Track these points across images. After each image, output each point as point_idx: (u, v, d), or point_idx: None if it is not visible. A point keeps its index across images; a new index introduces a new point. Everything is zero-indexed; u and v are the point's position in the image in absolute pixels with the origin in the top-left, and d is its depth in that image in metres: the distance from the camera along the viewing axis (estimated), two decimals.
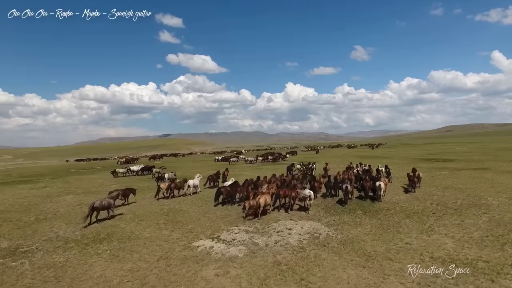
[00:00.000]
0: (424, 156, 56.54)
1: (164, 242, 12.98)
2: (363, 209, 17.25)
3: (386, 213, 16.27)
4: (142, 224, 16.21)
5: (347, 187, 19.02)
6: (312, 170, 33.53)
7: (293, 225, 14.58)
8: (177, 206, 20.34)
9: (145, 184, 31.51)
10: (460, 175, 29.28)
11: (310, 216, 16.33)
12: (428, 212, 16.03)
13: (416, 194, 20.81)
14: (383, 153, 73.26)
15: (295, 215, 16.59)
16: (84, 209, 20.56)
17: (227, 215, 17.23)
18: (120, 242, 13.27)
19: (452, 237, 12.14)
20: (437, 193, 21.08)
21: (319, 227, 14.25)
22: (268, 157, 62.58)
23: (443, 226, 13.64)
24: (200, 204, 20.66)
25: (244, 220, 15.94)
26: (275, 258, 10.79)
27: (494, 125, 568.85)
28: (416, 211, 16.40)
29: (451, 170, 32.98)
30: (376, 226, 14.04)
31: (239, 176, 30.09)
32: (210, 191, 25.64)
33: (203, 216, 17.37)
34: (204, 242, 12.75)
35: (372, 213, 16.30)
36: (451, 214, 15.49)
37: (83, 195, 26.47)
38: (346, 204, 18.57)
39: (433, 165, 39.82)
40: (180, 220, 16.57)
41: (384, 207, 17.47)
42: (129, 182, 34.60)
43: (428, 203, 18.05)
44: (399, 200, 19.31)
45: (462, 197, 19.47)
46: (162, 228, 15.29)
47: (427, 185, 24.40)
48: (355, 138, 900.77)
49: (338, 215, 16.24)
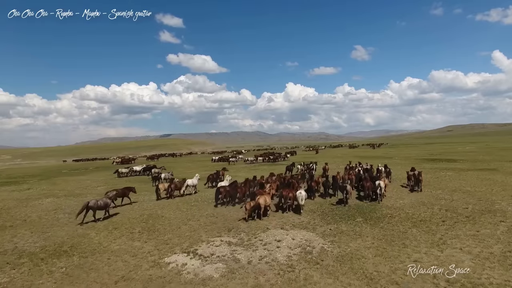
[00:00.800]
0: (427, 156, 54.75)
1: (132, 257, 11.14)
2: (363, 216, 15.40)
3: (390, 220, 14.41)
4: (115, 233, 14.38)
5: (346, 187, 18.27)
6: (312, 170, 32.97)
7: (283, 236, 12.72)
8: (160, 211, 18.52)
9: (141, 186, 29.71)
10: (466, 176, 27.45)
11: (304, 224, 14.47)
12: (437, 220, 14.16)
13: (422, 198, 18.98)
14: (384, 153, 71.43)
15: (287, 223, 14.75)
16: (59, 214, 18.93)
17: (212, 223, 15.39)
18: (82, 256, 11.43)
19: (468, 253, 10.27)
20: (445, 196, 19.25)
21: (313, 238, 12.38)
22: (268, 157, 61.39)
23: (456, 237, 11.78)
24: (185, 209, 18.85)
25: (235, 227, 14.11)
26: (256, 280, 8.92)
27: (494, 125, 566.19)
28: (424, 218, 14.53)
29: (457, 171, 31.15)
30: (378, 237, 12.18)
31: (233, 177, 28.34)
32: (206, 193, 24.20)
33: (185, 223, 15.53)
34: (177, 257, 10.90)
35: (374, 221, 14.44)
36: (463, 223, 13.62)
37: (64, 199, 24.68)
38: (347, 204, 17.87)
39: (437, 165, 38.00)
40: (158, 229, 14.73)
41: (387, 214, 15.62)
42: (121, 183, 32.82)
43: (436, 209, 16.20)
44: (403, 205, 17.46)
45: (473, 201, 17.63)
46: (135, 238, 13.45)
47: (432, 187, 22.59)
48: (355, 138, 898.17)
49: (335, 223, 14.37)
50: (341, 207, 17.46)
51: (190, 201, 21.19)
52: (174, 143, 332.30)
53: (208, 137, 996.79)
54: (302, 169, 33.77)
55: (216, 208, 18.54)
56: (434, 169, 34.05)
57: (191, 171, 42.52)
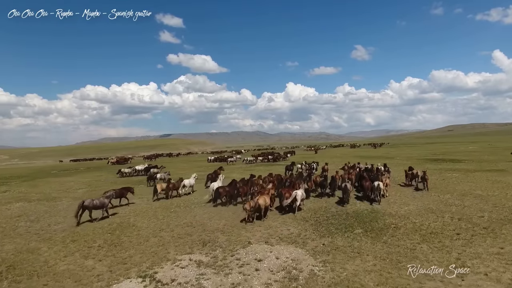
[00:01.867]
0: (429, 156, 52.59)
1: (75, 283, 8.96)
2: (363, 226, 13.21)
3: (394, 233, 12.20)
4: (70, 247, 12.20)
5: (346, 186, 17.58)
6: (313, 169, 32.31)
7: (266, 253, 10.52)
8: (133, 219, 16.35)
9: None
10: (475, 178, 25.27)
11: (294, 236, 12.27)
12: (450, 232, 11.97)
13: (429, 204, 16.79)
14: (385, 152, 69.25)
15: (274, 235, 12.56)
16: (20, 222, 16.82)
17: (187, 234, 13.21)
18: (14, 281, 9.26)
19: (497, 280, 8.07)
20: (455, 202, 17.06)
21: (302, 257, 10.18)
22: (267, 156, 59.68)
23: (476, 257, 9.58)
24: (163, 216, 16.68)
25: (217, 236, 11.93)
26: None
27: (495, 124, 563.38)
28: (434, 230, 12.33)
29: (463, 172, 28.95)
30: (381, 256, 9.98)
31: (227, 177, 26.34)
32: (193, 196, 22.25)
33: (156, 235, 13.36)
34: (129, 284, 8.71)
35: (375, 233, 12.24)
36: (482, 236, 11.43)
37: (35, 203, 22.49)
38: (347, 203, 17.22)
39: (441, 166, 35.82)
40: (122, 242, 12.55)
41: (391, 224, 13.42)
42: (105, 185, 30.73)
43: (447, 218, 14.00)
44: (409, 212, 15.25)
45: (488, 208, 15.44)
46: (90, 255, 11.26)
47: (440, 190, 20.40)
48: (356, 138, 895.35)
49: (330, 236, 12.16)
50: (338, 215, 15.27)
51: (171, 206, 19.04)
52: (174, 143, 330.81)
53: (208, 137, 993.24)
54: (303, 168, 32.64)
55: (196, 216, 16.36)
56: (438, 170, 31.87)
57: (184, 171, 40.54)
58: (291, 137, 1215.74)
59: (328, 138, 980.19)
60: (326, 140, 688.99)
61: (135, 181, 33.04)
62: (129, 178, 37.43)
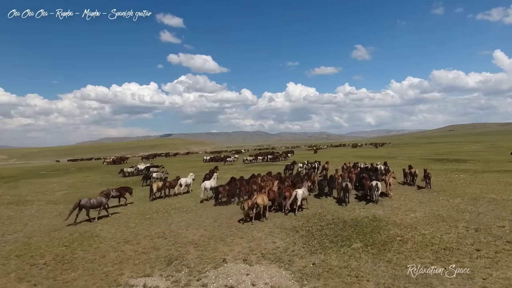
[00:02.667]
0: (433, 156, 50.50)
1: None
2: (363, 238, 11.11)
3: (401, 248, 10.09)
4: (10, 264, 10.12)
5: (347, 185, 16.84)
6: (315, 169, 32.01)
7: (241, 277, 8.43)
8: (100, 227, 14.29)
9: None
10: (484, 179, 23.19)
11: (279, 252, 10.17)
12: (468, 248, 9.86)
13: (439, 210, 14.70)
14: (386, 152, 67.13)
15: (256, 250, 10.48)
16: None
17: (153, 248, 11.13)
18: None
19: None
20: (467, 207, 14.97)
21: (285, 282, 8.08)
22: (267, 156, 58.35)
23: (509, 285, 7.49)
24: (134, 224, 14.63)
25: None
26: None
27: (496, 124, 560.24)
28: (449, 244, 10.21)
29: (471, 173, 26.83)
30: (385, 282, 7.88)
31: (219, 178, 24.45)
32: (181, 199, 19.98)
33: (118, 248, 11.29)
34: None
35: (377, 248, 10.12)
36: (509, 253, 9.32)
37: (3, 207, 20.58)
38: (348, 204, 16.52)
39: (446, 166, 33.71)
40: (74, 258, 10.46)
41: (396, 235, 11.31)
42: (88, 188, 28.77)
43: (462, 228, 11.90)
44: (416, 220, 13.14)
45: (507, 215, 13.34)
46: (27, 276, 9.17)
47: (448, 194, 18.33)
48: (356, 137, 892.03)
49: (322, 252, 10.06)
50: (334, 224, 13.17)
51: (148, 212, 17.01)
52: (174, 142, 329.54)
53: (209, 137, 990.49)
54: (305, 168, 31.83)
55: (172, 224, 14.29)
56: (444, 170, 29.77)
57: (178, 171, 38.69)
58: (292, 137, 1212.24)
59: (329, 138, 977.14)
60: (327, 140, 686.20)
61: (122, 182, 31.05)
62: (116, 179, 35.43)
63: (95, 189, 26.91)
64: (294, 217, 14.44)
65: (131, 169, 39.90)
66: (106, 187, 28.56)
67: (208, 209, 17.12)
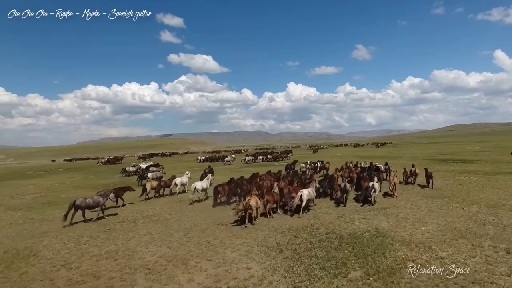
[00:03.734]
0: (436, 156, 48.00)
1: None
2: (363, 263, 8.59)
3: (413, 281, 7.59)
4: None
5: (345, 186, 16.34)
6: (317, 168, 31.82)
7: None
8: (45, 243, 11.79)
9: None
10: (498, 182, 20.76)
11: (251, 285, 7.70)
12: (503, 280, 7.37)
13: (454, 221, 12.23)
14: (388, 152, 64.66)
15: (223, 279, 7.99)
16: None
17: (94, 276, 8.64)
18: None
19: None
20: (488, 218, 12.48)
21: None
22: (267, 155, 57.17)
23: None
24: (87, 238, 12.15)
25: None
26: None
27: (497, 124, 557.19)
28: (478, 275, 7.69)
29: (482, 175, 24.31)
30: None
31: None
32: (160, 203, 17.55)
33: (46, 275, 8.80)
34: None
35: (382, 280, 7.59)
36: None
37: None
38: (345, 205, 15.69)
39: (453, 167, 31.19)
40: None
41: (407, 259, 8.79)
42: (64, 190, 26.38)
43: (489, 248, 9.40)
44: (429, 236, 10.63)
45: None
46: None
47: (461, 200, 15.88)
48: (357, 137, 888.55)
49: (310, 285, 7.57)
50: (327, 240, 10.66)
51: (112, 223, 14.52)
52: (173, 142, 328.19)
53: (210, 137, 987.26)
54: (307, 168, 31.14)
55: (132, 239, 11.81)
56: (451, 172, 27.28)
57: (169, 172, 36.33)
58: (292, 137, 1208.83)
59: (329, 138, 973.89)
60: (328, 140, 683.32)
61: (104, 185, 28.59)
62: (98, 182, 33.00)
63: (70, 193, 24.57)
64: (281, 231, 11.96)
65: (133, 168, 39.55)
66: (84, 190, 26.30)
67: (183, 218, 14.67)
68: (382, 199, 16.81)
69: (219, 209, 16.40)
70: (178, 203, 18.24)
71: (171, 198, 20.06)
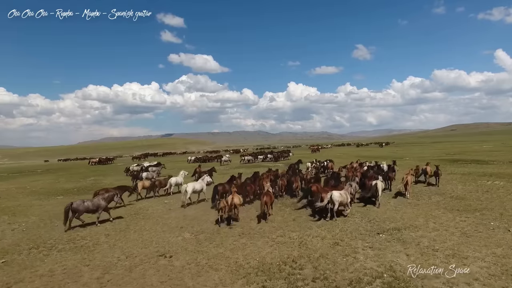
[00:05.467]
0: (444, 156, 44.01)
1: None
2: None
3: None
4: None
5: (376, 184, 15.19)
6: (324, 168, 31.18)
7: None
8: None
9: None
10: None
11: None
12: None
13: (508, 255, 8.22)
14: (391, 152, 60.73)
15: None
16: None
17: None
18: None
19: None
20: None
21: None
22: (267, 155, 55.86)
23: None
24: (45, 254, 8.20)
25: None
26: None
27: (499, 124, 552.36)
28: None
29: (508, 179, 20.25)
30: None
31: None
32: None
33: None
34: None
35: None
36: None
37: None
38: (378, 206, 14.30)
39: (468, 169, 27.16)
40: None
41: None
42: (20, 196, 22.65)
43: None
44: (479, 287, 6.64)
45: None
46: None
47: (498, 215, 12.18)
48: (358, 137, 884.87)
49: None
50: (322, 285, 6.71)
51: (76, 239, 10.56)
52: (173, 142, 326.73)
53: (210, 137, 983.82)
54: (314, 167, 30.55)
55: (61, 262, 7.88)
56: (468, 174, 23.29)
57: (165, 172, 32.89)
58: (293, 136, 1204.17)
59: (330, 137, 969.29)
60: (328, 139, 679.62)
61: (66, 189, 24.75)
62: (66, 186, 29.11)
63: (15, 201, 20.83)
64: (245, 271, 8.03)
65: (137, 168, 39.16)
66: (36, 196, 22.50)
67: (119, 243, 10.88)
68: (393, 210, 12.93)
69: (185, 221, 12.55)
70: (131, 217, 14.33)
71: (130, 209, 16.19)
